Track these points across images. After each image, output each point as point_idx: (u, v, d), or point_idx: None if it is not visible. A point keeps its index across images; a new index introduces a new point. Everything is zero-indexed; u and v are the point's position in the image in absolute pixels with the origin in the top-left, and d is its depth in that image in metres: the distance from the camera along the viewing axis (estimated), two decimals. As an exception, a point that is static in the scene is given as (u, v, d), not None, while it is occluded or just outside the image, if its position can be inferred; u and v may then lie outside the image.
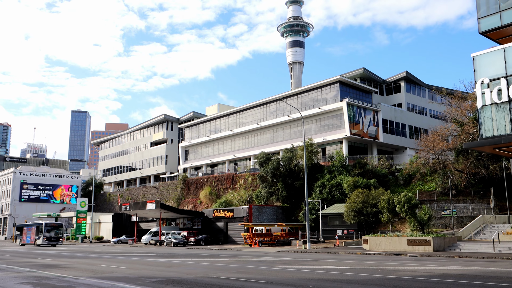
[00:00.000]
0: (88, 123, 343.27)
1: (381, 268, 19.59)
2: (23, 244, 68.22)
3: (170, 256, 31.98)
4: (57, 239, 63.97)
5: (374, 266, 21.03)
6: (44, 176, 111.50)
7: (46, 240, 62.75)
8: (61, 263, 26.41)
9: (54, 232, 64.30)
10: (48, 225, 64.30)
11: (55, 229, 64.73)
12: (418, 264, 22.51)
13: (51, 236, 63.60)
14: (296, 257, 29.48)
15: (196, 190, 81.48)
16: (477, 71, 32.60)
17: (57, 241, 63.86)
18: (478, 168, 48.30)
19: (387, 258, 28.24)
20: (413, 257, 29.50)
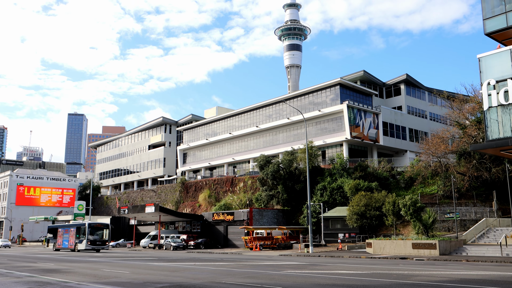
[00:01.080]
0: (84, 126, 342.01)
1: (395, 273, 19.08)
2: (57, 249, 58.75)
3: (173, 260, 31.39)
4: (102, 243, 53.28)
5: (387, 270, 20.52)
6: (41, 179, 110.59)
7: (90, 244, 52.10)
8: (62, 267, 25.79)
9: (99, 234, 53.46)
10: (92, 226, 53.31)
11: (101, 231, 53.91)
12: (430, 269, 22.01)
13: (95, 239, 52.69)
14: (302, 261, 28.95)
15: (195, 193, 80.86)
16: (483, 73, 32.22)
17: (102, 245, 53.34)
18: (480, 171, 47.92)
19: (395, 262, 27.75)
20: (421, 261, 29.03)
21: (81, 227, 53.71)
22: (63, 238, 57.83)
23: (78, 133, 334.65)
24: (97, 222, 56.73)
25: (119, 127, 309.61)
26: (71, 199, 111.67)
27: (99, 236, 53.15)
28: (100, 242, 52.90)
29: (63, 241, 57.78)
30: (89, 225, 52.69)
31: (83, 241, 52.14)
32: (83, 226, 53.12)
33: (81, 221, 59.71)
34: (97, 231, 53.27)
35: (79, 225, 54.89)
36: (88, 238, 51.68)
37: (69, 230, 56.77)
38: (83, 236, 52.67)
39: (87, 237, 51.66)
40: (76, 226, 55.47)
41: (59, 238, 59.02)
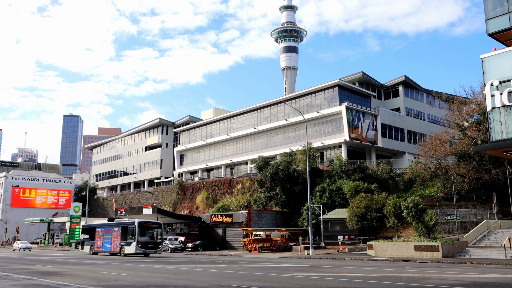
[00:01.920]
0: (80, 128, 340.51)
1: (405, 276, 18.71)
2: (95, 252, 49.64)
3: (174, 263, 30.92)
4: (155, 246, 43.64)
5: (395, 273, 20.15)
6: (36, 180, 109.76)
7: (141, 247, 42.45)
8: (60, 270, 25.27)
9: (151, 235, 44.09)
10: (143, 225, 43.72)
11: (152, 231, 44.49)
12: (439, 271, 21.66)
13: (147, 241, 43.17)
14: (306, 264, 28.57)
15: (192, 195, 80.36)
16: (486, 73, 31.95)
17: (155, 248, 43.56)
18: (480, 173, 47.74)
19: (400, 265, 27.39)
20: (425, 264, 28.69)
21: (128, 227, 44.34)
22: (103, 239, 48.59)
23: (74, 134, 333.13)
24: (148, 221, 46.67)
25: (115, 129, 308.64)
26: (67, 200, 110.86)
27: (150, 237, 43.77)
28: (152, 244, 43.29)
29: (103, 243, 48.41)
30: (140, 224, 43.38)
31: (132, 243, 42.75)
32: (132, 225, 43.77)
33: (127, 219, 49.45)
34: (148, 231, 44.01)
35: (126, 224, 45.26)
36: (138, 240, 42.37)
37: (111, 230, 47.28)
38: (131, 237, 43.23)
39: (137, 238, 42.34)
40: (122, 225, 45.76)
41: (97, 239, 49.58)
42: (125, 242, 44.07)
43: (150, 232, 44.13)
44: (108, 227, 48.41)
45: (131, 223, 44.24)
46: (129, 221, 45.77)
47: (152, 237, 44.02)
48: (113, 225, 47.95)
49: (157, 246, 43.81)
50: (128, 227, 44.25)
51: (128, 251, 43.49)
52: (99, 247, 49.09)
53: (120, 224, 46.25)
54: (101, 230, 49.39)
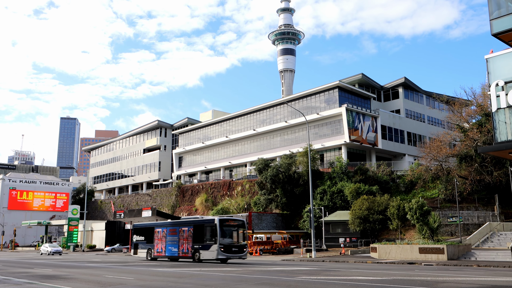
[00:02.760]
0: (77, 130, 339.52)
1: (418, 279, 18.31)
2: (154, 257, 40.84)
3: (176, 266, 30.46)
4: (240, 250, 34.89)
5: (406, 276, 19.76)
6: (34, 183, 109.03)
7: (224, 251, 33.84)
8: (61, 273, 24.79)
9: (234, 236, 35.53)
10: (225, 223, 35.14)
11: (235, 230, 35.80)
12: (450, 274, 21.26)
13: (231, 244, 34.57)
14: (312, 267, 28.11)
15: (191, 197, 79.89)
16: (491, 73, 31.66)
17: (240, 252, 34.92)
18: (482, 175, 47.49)
19: (408, 268, 27.00)
20: (432, 266, 28.29)
21: (204, 226, 35.78)
22: (166, 241, 39.59)
23: (71, 137, 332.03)
24: (230, 218, 38.54)
25: (112, 131, 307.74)
26: (65, 203, 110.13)
27: (233, 239, 35.16)
28: (236, 248, 34.64)
29: (166, 246, 39.37)
30: (221, 222, 34.77)
31: (212, 246, 34.09)
32: (210, 223, 35.16)
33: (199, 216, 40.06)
34: (231, 231, 35.47)
35: (201, 222, 36.58)
36: (220, 243, 33.71)
37: (178, 231, 38.34)
38: (210, 238, 34.64)
39: (219, 240, 33.68)
40: (195, 223, 36.97)
41: (157, 242, 40.63)
42: (200, 245, 35.40)
43: (233, 232, 35.54)
44: (173, 227, 39.69)
45: (209, 221, 35.69)
46: (205, 219, 37.50)
47: (236, 238, 35.41)
48: (180, 223, 39.19)
49: (241, 250, 34.90)
50: (205, 226, 35.60)
51: (206, 256, 34.76)
52: (160, 251, 39.98)
53: (192, 223, 37.36)
54: (162, 231, 40.33)
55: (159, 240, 40.41)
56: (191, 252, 36.21)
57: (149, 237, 42.04)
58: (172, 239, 38.92)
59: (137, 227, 45.30)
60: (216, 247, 33.75)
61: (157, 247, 40.38)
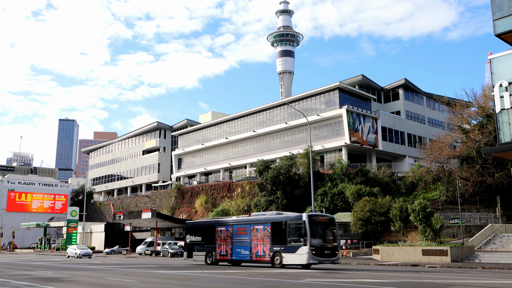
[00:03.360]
0: (76, 132, 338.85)
1: (426, 282, 18.05)
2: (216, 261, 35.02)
3: (178, 268, 30.12)
4: (332, 253, 28.90)
5: (415, 279, 19.50)
6: (32, 184, 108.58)
7: (316, 254, 27.83)
8: (61, 275, 24.48)
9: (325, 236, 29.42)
10: (316, 221, 29.16)
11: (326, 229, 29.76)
12: (459, 277, 20.95)
13: (322, 246, 28.56)
14: (314, 269, 27.82)
15: (191, 198, 79.57)
16: (495, 74, 31.47)
17: (332, 256, 28.88)
18: (484, 176, 47.33)
19: (412, 270, 26.79)
20: (437, 269, 28.03)
21: (288, 223, 29.61)
22: (232, 242, 33.64)
23: (69, 138, 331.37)
24: (320, 214, 31.90)
25: (111, 133, 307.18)
26: (63, 205, 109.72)
27: (324, 240, 29.16)
28: (329, 250, 28.72)
29: (233, 248, 33.41)
30: (311, 219, 28.67)
31: (301, 248, 28.05)
32: (296, 221, 29.15)
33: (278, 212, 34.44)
34: (322, 231, 29.49)
35: (283, 220, 30.23)
36: (312, 244, 27.79)
37: (250, 229, 32.38)
38: (296, 239, 28.63)
39: (309, 241, 27.75)
40: (274, 220, 30.85)
41: (220, 243, 34.60)
42: (282, 247, 29.52)
43: (324, 231, 29.54)
44: (242, 225, 33.45)
45: (295, 218, 29.77)
46: (287, 215, 31.39)
47: (327, 238, 29.43)
48: (252, 221, 32.85)
49: (334, 253, 28.90)
50: (288, 224, 29.60)
51: (291, 260, 28.78)
52: (225, 254, 34.09)
53: (270, 220, 31.22)
54: (227, 230, 34.36)
55: (222, 240, 34.36)
56: (269, 256, 30.22)
57: (208, 237, 35.76)
58: (240, 239, 32.90)
59: (192, 226, 38.89)
60: (306, 249, 27.70)
61: (220, 249, 34.38)
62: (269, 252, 30.34)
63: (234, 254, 33.29)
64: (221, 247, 34.39)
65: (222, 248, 34.29)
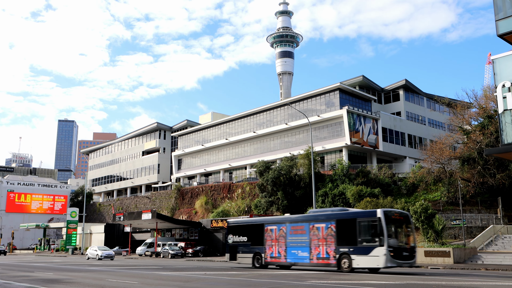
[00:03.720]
0: (75, 133, 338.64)
1: (433, 283, 17.90)
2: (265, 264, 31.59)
3: (179, 269, 29.94)
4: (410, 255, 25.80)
5: (420, 281, 19.36)
6: (32, 185, 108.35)
7: (394, 256, 24.67)
8: (62, 277, 24.32)
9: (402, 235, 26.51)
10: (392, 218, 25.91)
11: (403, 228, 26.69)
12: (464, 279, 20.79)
13: (400, 247, 25.46)
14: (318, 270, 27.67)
15: (191, 199, 79.39)
16: (497, 75, 31.33)
17: (410, 259, 25.72)
18: (485, 177, 47.20)
19: (416, 271, 26.59)
20: (440, 270, 27.95)
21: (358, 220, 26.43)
22: (285, 243, 30.18)
23: (69, 139, 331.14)
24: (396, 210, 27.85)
25: (110, 134, 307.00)
26: (63, 206, 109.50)
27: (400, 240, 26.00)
28: (407, 252, 25.61)
29: (287, 249, 29.94)
30: (387, 214, 25.66)
31: (376, 249, 24.89)
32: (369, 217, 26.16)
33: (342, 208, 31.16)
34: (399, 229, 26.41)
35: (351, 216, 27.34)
36: (389, 244, 24.62)
37: (308, 228, 28.94)
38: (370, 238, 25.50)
39: (386, 241, 24.64)
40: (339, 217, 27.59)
41: (271, 243, 31.11)
42: (351, 248, 26.14)
43: (401, 229, 26.47)
44: (299, 223, 30.05)
45: (367, 214, 27.08)
46: (356, 211, 28.89)
47: (404, 238, 26.32)
48: (311, 218, 29.41)
49: (412, 255, 25.81)
50: (358, 222, 26.31)
51: (363, 263, 25.54)
52: (277, 256, 30.50)
53: (334, 217, 27.83)
54: (278, 229, 30.88)
55: (273, 241, 30.83)
56: (335, 258, 26.74)
57: (255, 237, 32.27)
58: (297, 239, 29.43)
59: (235, 225, 35.02)
60: (382, 251, 24.40)
61: (271, 251, 30.81)
62: (334, 254, 26.88)
63: (289, 256, 29.73)
64: (272, 248, 30.76)
65: (273, 249, 30.62)
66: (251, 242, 32.49)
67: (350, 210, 28.67)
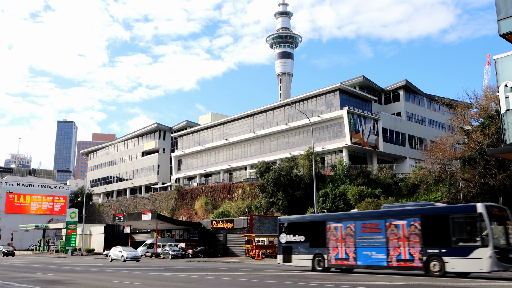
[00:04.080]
0: (74, 134, 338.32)
1: (439, 284, 17.76)
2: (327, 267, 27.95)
3: (181, 270, 29.77)
4: None
5: (426, 281, 19.24)
6: (31, 186, 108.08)
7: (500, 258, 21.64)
8: (63, 278, 24.16)
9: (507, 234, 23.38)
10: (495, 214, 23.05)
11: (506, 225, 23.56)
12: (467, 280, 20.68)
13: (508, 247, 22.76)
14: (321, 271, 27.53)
15: (191, 200, 79.22)
16: (499, 74, 31.21)
17: None
18: (486, 178, 47.09)
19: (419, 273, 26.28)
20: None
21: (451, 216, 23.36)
22: (355, 243, 26.79)
23: (68, 140, 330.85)
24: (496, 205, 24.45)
25: (110, 134, 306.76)
26: (62, 206, 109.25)
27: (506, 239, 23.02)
28: None
29: (357, 250, 26.61)
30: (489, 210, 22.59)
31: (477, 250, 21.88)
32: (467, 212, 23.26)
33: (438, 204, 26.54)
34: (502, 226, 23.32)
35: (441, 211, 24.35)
36: (494, 245, 21.61)
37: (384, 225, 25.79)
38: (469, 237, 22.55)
39: (491, 241, 21.57)
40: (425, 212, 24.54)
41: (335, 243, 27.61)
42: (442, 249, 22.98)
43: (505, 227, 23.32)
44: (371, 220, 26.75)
45: (464, 209, 23.95)
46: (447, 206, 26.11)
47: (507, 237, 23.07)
48: (389, 215, 26.03)
49: None
50: (452, 218, 23.26)
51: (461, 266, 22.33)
52: (344, 258, 26.97)
53: (419, 212, 24.69)
54: (345, 226, 27.32)
55: (338, 240, 27.29)
56: (421, 260, 23.51)
57: (315, 236, 28.73)
58: (369, 238, 26.11)
59: (290, 222, 31.14)
60: (486, 252, 21.16)
61: (335, 252, 27.26)
62: (420, 256, 23.54)
63: (360, 258, 26.19)
64: (336, 249, 27.13)
65: (338, 250, 27.01)
66: (310, 242, 28.84)
67: (437, 205, 25.53)
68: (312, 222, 29.92)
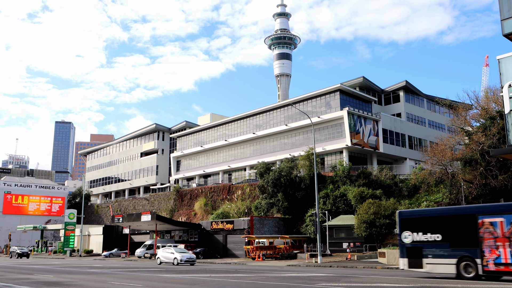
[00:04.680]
0: (72, 134, 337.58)
1: (446, 286, 17.49)
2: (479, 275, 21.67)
3: (183, 272, 29.46)
4: None
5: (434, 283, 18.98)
6: (29, 187, 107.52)
7: None
8: (64, 279, 23.84)
9: None
10: None
11: None
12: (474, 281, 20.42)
13: None
14: (325, 273, 27.29)
15: (190, 201, 78.85)
16: (503, 75, 31.06)
17: None
18: (487, 179, 46.90)
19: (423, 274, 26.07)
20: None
21: None
22: None
23: (66, 141, 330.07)
24: None
25: (108, 135, 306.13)
26: (60, 207, 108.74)
27: None
28: None
29: None
30: None
31: None
32: None
33: None
34: None
35: None
36: None
37: None
38: None
39: None
40: None
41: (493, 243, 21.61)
42: None
43: None
44: None
45: None
46: None
47: None
48: None
49: None
50: None
51: None
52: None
53: None
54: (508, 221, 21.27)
55: (499, 240, 21.33)
56: None
57: (459, 234, 22.99)
58: None
59: (417, 216, 25.63)
60: None
61: (495, 255, 21.36)
62: None
63: None
64: (496, 250, 21.31)
65: (501, 252, 21.12)
66: (451, 242, 23.03)
67: None
68: (453, 217, 23.79)
